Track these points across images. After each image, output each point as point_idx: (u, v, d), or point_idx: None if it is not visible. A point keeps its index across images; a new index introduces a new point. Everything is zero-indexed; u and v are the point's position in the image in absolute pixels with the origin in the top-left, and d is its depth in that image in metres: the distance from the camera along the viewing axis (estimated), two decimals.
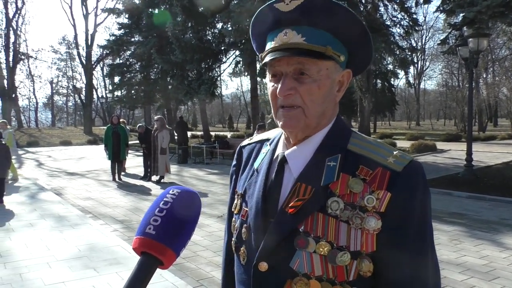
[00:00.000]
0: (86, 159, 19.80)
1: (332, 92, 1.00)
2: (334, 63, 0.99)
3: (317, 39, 0.96)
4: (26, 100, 57.44)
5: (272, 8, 0.98)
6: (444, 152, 18.38)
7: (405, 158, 0.95)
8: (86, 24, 41.69)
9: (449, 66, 46.92)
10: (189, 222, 0.80)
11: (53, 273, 4.81)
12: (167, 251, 0.75)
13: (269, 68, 1.00)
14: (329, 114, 1.02)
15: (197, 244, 6.05)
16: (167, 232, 0.76)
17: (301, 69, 0.96)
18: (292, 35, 0.96)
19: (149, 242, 0.75)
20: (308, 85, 0.96)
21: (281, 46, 0.96)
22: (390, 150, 0.98)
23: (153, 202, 0.81)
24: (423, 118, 72.98)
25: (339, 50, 0.99)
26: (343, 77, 1.03)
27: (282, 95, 0.96)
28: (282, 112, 0.99)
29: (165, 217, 0.77)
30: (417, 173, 0.94)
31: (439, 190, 10.22)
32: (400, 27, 17.23)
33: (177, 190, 0.82)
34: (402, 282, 0.91)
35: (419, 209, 0.92)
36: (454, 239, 6.27)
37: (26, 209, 8.29)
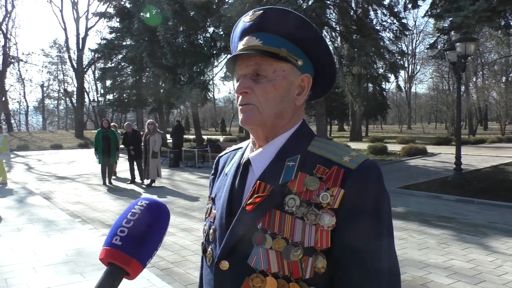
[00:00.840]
0: (76, 162, 19.68)
1: (290, 94, 1.05)
2: (292, 66, 1.04)
3: (273, 42, 1.04)
4: (16, 104, 57.02)
5: (240, 21, 1.11)
6: (434, 155, 18.50)
7: (360, 157, 0.99)
8: (77, 28, 41.59)
9: (440, 70, 47.38)
10: (156, 234, 0.81)
11: (39, 278, 4.77)
12: (133, 261, 0.76)
13: (235, 75, 1.08)
14: (289, 116, 1.06)
15: (186, 249, 6.04)
16: (133, 243, 0.77)
17: (258, 70, 1.03)
18: (251, 40, 1.05)
19: (115, 253, 0.76)
20: (263, 85, 1.02)
21: (240, 50, 1.06)
22: (348, 150, 1.02)
23: (122, 213, 0.82)
24: (415, 122, 73.47)
25: (296, 54, 1.05)
26: (303, 81, 1.07)
27: (238, 92, 1.04)
28: (240, 109, 1.06)
29: (132, 228, 0.78)
30: (370, 170, 0.97)
31: (428, 194, 10.29)
32: (389, 31, 17.35)
33: (146, 201, 0.83)
34: (357, 277, 0.92)
35: (372, 205, 0.94)
36: (442, 243, 6.31)
37: (14, 214, 8.22)
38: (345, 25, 17.98)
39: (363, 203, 0.93)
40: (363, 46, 15.91)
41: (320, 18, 15.08)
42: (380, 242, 0.94)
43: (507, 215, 8.08)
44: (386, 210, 0.97)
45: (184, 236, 6.72)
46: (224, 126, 57.08)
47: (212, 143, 20.60)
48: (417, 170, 14.70)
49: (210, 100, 28.23)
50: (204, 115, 66.99)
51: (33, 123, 64.15)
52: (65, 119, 66.70)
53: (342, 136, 37.74)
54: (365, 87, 36.52)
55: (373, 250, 0.93)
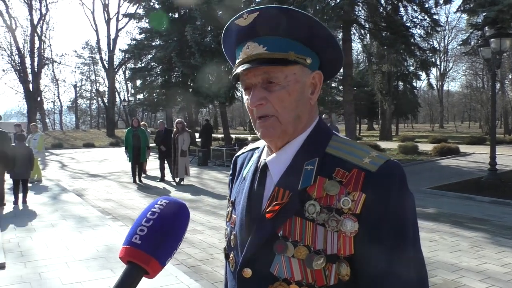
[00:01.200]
0: (108, 161, 20.13)
1: (304, 96, 1.01)
2: (301, 66, 1.00)
3: (278, 46, 0.97)
4: (51, 104, 58.67)
5: (233, 24, 1.02)
6: (467, 155, 17.99)
7: (381, 158, 0.94)
8: (108, 29, 42.53)
9: (473, 67, 45.96)
10: (176, 233, 0.81)
11: (71, 273, 4.90)
12: (152, 261, 0.76)
13: (241, 83, 1.03)
14: (306, 118, 1.02)
15: (214, 247, 6.07)
16: (153, 242, 0.77)
17: (268, 78, 0.98)
18: (254, 47, 0.99)
19: (134, 252, 0.76)
20: (277, 93, 0.97)
21: (245, 59, 0.99)
22: (368, 150, 0.97)
23: (141, 212, 0.82)
24: (447, 121, 71.66)
25: (303, 53, 1.00)
26: (315, 79, 1.03)
27: (253, 106, 0.99)
28: (259, 123, 1.01)
29: (151, 227, 0.78)
30: (393, 172, 0.92)
31: (461, 195, 10.01)
32: (420, 28, 16.91)
33: (165, 201, 0.83)
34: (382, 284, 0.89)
35: (395, 209, 0.90)
36: (475, 246, 6.12)
37: (48, 210, 8.48)
38: (374, 22, 17.68)
39: (386, 208, 0.90)
40: (393, 44, 15.62)
41: (349, 16, 14.90)
42: (404, 248, 0.90)
43: None
44: (410, 214, 0.93)
45: (212, 234, 6.76)
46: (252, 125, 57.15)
47: (240, 142, 20.69)
48: (450, 170, 14.32)
49: (238, 99, 28.30)
50: (233, 114, 67.30)
51: (67, 122, 65.99)
52: (97, 118, 68.28)
53: (372, 135, 37.19)
54: (395, 85, 35.86)
55: (396, 256, 0.89)
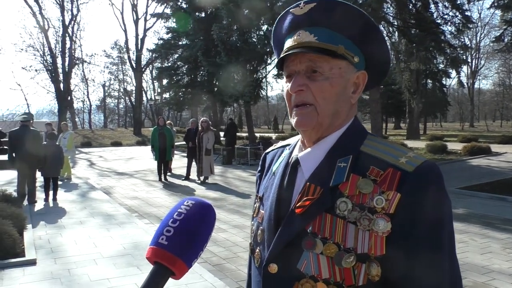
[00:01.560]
0: (134, 159, 20.46)
1: (346, 93, 1.00)
2: (348, 63, 0.99)
3: (329, 38, 0.98)
4: (80, 103, 60.11)
5: (288, 13, 1.04)
6: (499, 155, 17.47)
7: (418, 159, 0.92)
8: (136, 29, 43.17)
9: (507, 64, 44.65)
10: (202, 234, 0.80)
11: (98, 269, 4.99)
12: (178, 261, 0.76)
13: (285, 70, 1.03)
14: (344, 115, 1.01)
15: (238, 245, 6.08)
16: (179, 243, 0.77)
17: (313, 67, 0.97)
18: (305, 35, 0.99)
19: (161, 252, 0.76)
20: (319, 83, 0.97)
21: (294, 45, 0.99)
22: (404, 151, 0.95)
23: (168, 212, 0.82)
24: (478, 119, 69.82)
25: (352, 51, 1.00)
26: (359, 79, 1.02)
27: (293, 91, 0.98)
28: (296, 111, 1.00)
29: (178, 228, 0.78)
30: (430, 173, 0.89)
31: (492, 195, 9.72)
32: (451, 25, 16.50)
33: (192, 201, 0.83)
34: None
35: (431, 211, 0.87)
36: (507, 248, 5.93)
37: (77, 207, 8.68)
38: (403, 20, 17.36)
39: (422, 210, 0.86)
40: (422, 41, 15.30)
41: (377, 13, 14.66)
42: (438, 252, 0.87)
43: None
44: (447, 218, 0.89)
45: (236, 233, 6.77)
46: (276, 124, 57.09)
47: (264, 141, 20.66)
48: (480, 170, 13.93)
49: (263, 98, 28.37)
50: (257, 112, 67.43)
51: (95, 121, 67.46)
52: (125, 117, 69.57)
53: (399, 134, 36.55)
54: (424, 83, 35.11)
55: (430, 260, 0.86)
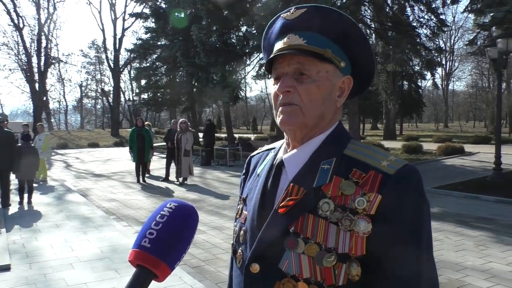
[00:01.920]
0: (112, 161, 20.19)
1: (332, 96, 1.03)
2: (334, 67, 1.02)
3: (317, 42, 1.01)
4: (56, 103, 58.92)
5: (280, 18, 1.07)
6: (472, 154, 17.91)
7: (399, 162, 0.95)
8: (114, 29, 42.66)
9: (479, 66, 45.79)
10: (185, 236, 0.80)
11: (76, 274, 4.92)
12: (161, 264, 0.76)
13: (273, 72, 1.05)
14: (329, 118, 1.04)
15: (217, 247, 6.08)
16: (162, 246, 0.77)
17: (301, 69, 1.00)
18: (294, 38, 1.02)
19: (144, 255, 0.76)
20: (307, 85, 0.99)
21: (283, 47, 1.02)
22: (386, 155, 0.98)
23: (151, 215, 0.82)
24: (452, 120, 71.36)
25: (339, 56, 1.03)
26: (344, 83, 1.05)
27: (281, 91, 1.00)
28: (281, 109, 1.01)
29: (161, 231, 0.78)
30: (410, 176, 0.93)
31: (466, 194, 9.98)
32: (427, 28, 16.86)
33: (174, 204, 0.82)
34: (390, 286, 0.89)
35: (411, 213, 0.90)
36: (480, 245, 6.10)
37: (53, 210, 8.52)
38: (380, 22, 17.63)
39: (402, 211, 0.90)
40: (398, 43, 15.56)
41: (355, 15, 14.85)
42: (417, 252, 0.90)
43: None
44: (425, 219, 0.92)
45: (215, 234, 6.77)
46: (255, 125, 57.17)
47: (243, 142, 20.70)
48: (454, 169, 14.27)
49: (242, 99, 28.36)
50: (236, 113, 67.33)
51: (72, 122, 66.28)
52: (102, 118, 68.53)
53: (376, 135, 37.08)
54: (400, 84, 35.75)
55: (409, 260, 0.89)
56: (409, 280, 0.88)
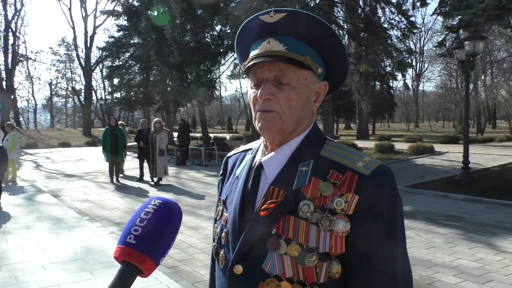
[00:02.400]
0: (84, 160, 19.80)
1: (309, 101, 1.05)
2: (312, 73, 1.04)
3: (298, 49, 1.01)
4: (25, 102, 57.42)
5: (257, 19, 1.05)
6: (441, 154, 18.40)
7: (374, 163, 0.99)
8: (85, 26, 41.81)
9: (448, 68, 47.07)
10: (169, 233, 0.82)
11: (48, 275, 4.82)
12: (147, 260, 0.77)
13: (252, 76, 1.05)
14: (306, 123, 1.07)
15: (193, 247, 6.07)
16: (147, 242, 0.78)
17: (281, 76, 1.01)
18: (274, 44, 1.02)
19: (129, 251, 0.77)
20: (287, 92, 1.00)
21: (264, 53, 1.01)
22: (361, 155, 1.02)
23: (135, 212, 0.83)
24: (422, 120, 73.07)
25: (317, 62, 1.04)
26: (320, 89, 1.08)
27: (262, 98, 1.01)
28: (260, 115, 1.03)
29: (146, 227, 0.79)
30: (385, 176, 0.97)
31: (436, 193, 10.26)
32: (397, 29, 17.25)
33: (158, 201, 0.84)
34: (372, 283, 0.93)
35: (386, 211, 0.95)
36: (449, 242, 6.29)
37: (23, 211, 8.31)
38: (352, 23, 17.91)
39: (378, 209, 0.94)
40: (370, 44, 15.85)
41: (328, 16, 15.04)
42: (393, 248, 0.95)
43: None
44: (399, 216, 0.97)
45: (191, 234, 6.75)
46: (230, 124, 57.13)
47: (218, 141, 20.65)
48: (425, 169, 14.63)
49: (217, 98, 28.29)
50: (211, 113, 67.08)
51: (41, 121, 64.61)
52: (73, 117, 67.15)
53: (349, 134, 37.61)
54: (372, 85, 36.37)
55: (386, 255, 0.94)
56: (387, 273, 0.93)
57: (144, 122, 13.55)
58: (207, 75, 20.60)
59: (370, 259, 0.93)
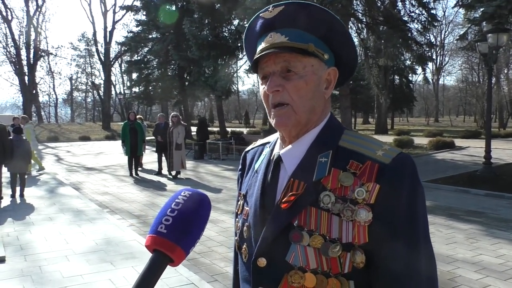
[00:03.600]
0: (104, 154, 20.10)
1: (319, 89, 1.05)
2: (319, 60, 1.04)
3: (299, 38, 1.02)
4: (46, 96, 58.46)
5: (259, 17, 1.08)
6: (462, 149, 18.11)
7: (394, 151, 0.98)
8: (104, 21, 42.30)
9: (469, 61, 46.05)
10: (198, 223, 0.84)
11: (71, 266, 4.93)
12: (177, 249, 0.79)
13: (260, 72, 1.06)
14: (319, 111, 1.06)
15: (212, 240, 6.12)
16: (178, 231, 0.80)
17: (287, 66, 1.01)
18: (276, 36, 1.03)
19: (161, 240, 0.79)
20: (295, 82, 1.01)
21: (267, 47, 1.03)
22: (380, 144, 1.01)
23: (166, 203, 0.85)
24: (442, 115, 71.96)
25: (322, 48, 1.04)
26: (330, 75, 1.07)
27: (270, 91, 1.02)
28: (274, 111, 1.03)
29: (176, 217, 0.81)
30: (405, 164, 0.96)
31: (457, 188, 10.10)
32: (417, 22, 16.96)
33: (188, 192, 0.86)
34: (394, 273, 0.93)
35: (408, 199, 0.94)
36: (470, 238, 6.20)
37: (45, 203, 8.49)
38: (371, 17, 17.69)
39: (400, 198, 0.93)
40: (390, 38, 15.66)
41: (347, 10, 14.90)
42: (417, 240, 0.94)
43: None
44: (421, 204, 0.97)
45: (210, 227, 6.80)
46: (247, 119, 57.12)
47: (236, 136, 20.71)
48: (445, 164, 14.42)
49: (234, 93, 28.30)
50: (228, 107, 67.22)
51: (62, 115, 65.77)
52: (93, 111, 68.09)
53: (367, 129, 37.29)
54: (391, 79, 35.94)
55: (408, 236, 0.93)
56: (408, 265, 0.92)
57: (162, 116, 13.67)
58: (224, 70, 20.66)
59: (391, 249, 0.92)
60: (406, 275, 0.93)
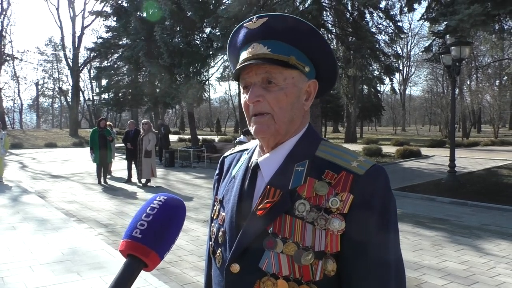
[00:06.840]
0: (71, 161, 19.61)
1: (299, 101, 1.07)
2: (299, 72, 1.06)
3: (281, 50, 1.04)
4: (10, 102, 56.66)
5: (242, 27, 1.10)
6: (428, 157, 18.59)
7: (368, 163, 1.01)
8: (73, 26, 41.48)
9: (434, 72, 47.68)
10: (173, 228, 0.84)
11: (35, 276, 4.77)
12: (152, 253, 0.79)
13: (241, 82, 1.08)
14: (298, 122, 1.08)
15: (182, 249, 6.05)
16: (152, 236, 0.80)
17: (268, 78, 1.03)
18: (258, 47, 1.05)
19: (135, 245, 0.79)
20: (275, 93, 1.03)
21: (249, 57, 1.05)
22: (355, 155, 1.04)
23: (141, 207, 0.85)
24: (409, 124, 73.78)
25: (303, 61, 1.06)
26: (310, 87, 1.09)
27: (251, 102, 1.04)
28: (254, 119, 1.05)
29: (151, 222, 0.82)
30: (379, 176, 1.00)
31: (423, 196, 10.37)
32: (385, 34, 17.45)
33: (164, 197, 0.87)
34: (364, 281, 0.95)
35: (380, 210, 0.97)
36: (436, 244, 6.37)
37: (8, 212, 8.20)
38: (341, 28, 18.07)
39: (372, 209, 0.96)
40: (359, 49, 16.00)
41: (317, 20, 15.15)
42: (386, 238, 0.97)
43: (500, 218, 8.18)
44: (392, 212, 1.00)
45: (180, 236, 6.61)
46: (219, 126, 57.01)
47: (207, 143, 20.62)
48: (412, 172, 14.78)
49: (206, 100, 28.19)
50: (200, 115, 66.84)
51: (27, 121, 63.83)
52: (60, 118, 66.44)
53: (337, 138, 37.80)
54: (360, 89, 36.63)
55: (379, 244, 0.96)
56: (380, 262, 0.96)
57: (132, 123, 13.48)
58: (196, 77, 20.59)
59: (364, 250, 0.95)
60: (377, 284, 0.95)
